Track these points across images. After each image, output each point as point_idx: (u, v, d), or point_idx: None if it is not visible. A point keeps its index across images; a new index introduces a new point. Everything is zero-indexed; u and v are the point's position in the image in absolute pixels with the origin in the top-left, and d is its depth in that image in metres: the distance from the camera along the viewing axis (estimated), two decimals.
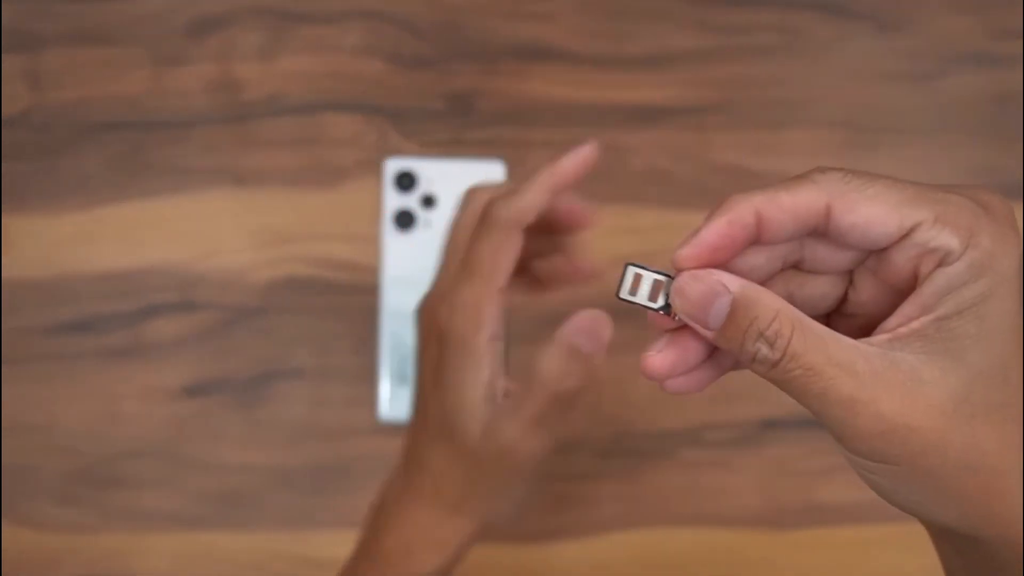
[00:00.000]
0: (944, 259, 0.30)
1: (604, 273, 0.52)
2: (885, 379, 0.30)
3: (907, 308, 0.31)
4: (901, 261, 0.31)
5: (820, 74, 0.69)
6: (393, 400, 0.65)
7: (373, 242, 0.67)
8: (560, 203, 0.49)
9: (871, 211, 0.31)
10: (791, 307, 0.31)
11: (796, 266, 0.34)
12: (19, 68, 0.68)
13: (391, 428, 0.65)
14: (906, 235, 0.31)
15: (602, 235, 0.54)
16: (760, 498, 0.66)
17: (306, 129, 0.68)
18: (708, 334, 0.32)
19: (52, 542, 0.65)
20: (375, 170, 0.67)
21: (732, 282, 0.31)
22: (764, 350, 0.31)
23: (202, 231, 0.67)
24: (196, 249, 0.67)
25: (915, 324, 0.31)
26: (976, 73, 0.69)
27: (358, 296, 0.66)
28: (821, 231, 0.32)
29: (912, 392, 0.30)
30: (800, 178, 0.32)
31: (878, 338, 0.31)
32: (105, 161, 0.67)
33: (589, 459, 0.67)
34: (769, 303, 0.31)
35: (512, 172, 0.67)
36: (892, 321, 0.31)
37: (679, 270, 0.32)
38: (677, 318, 0.33)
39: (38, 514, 0.65)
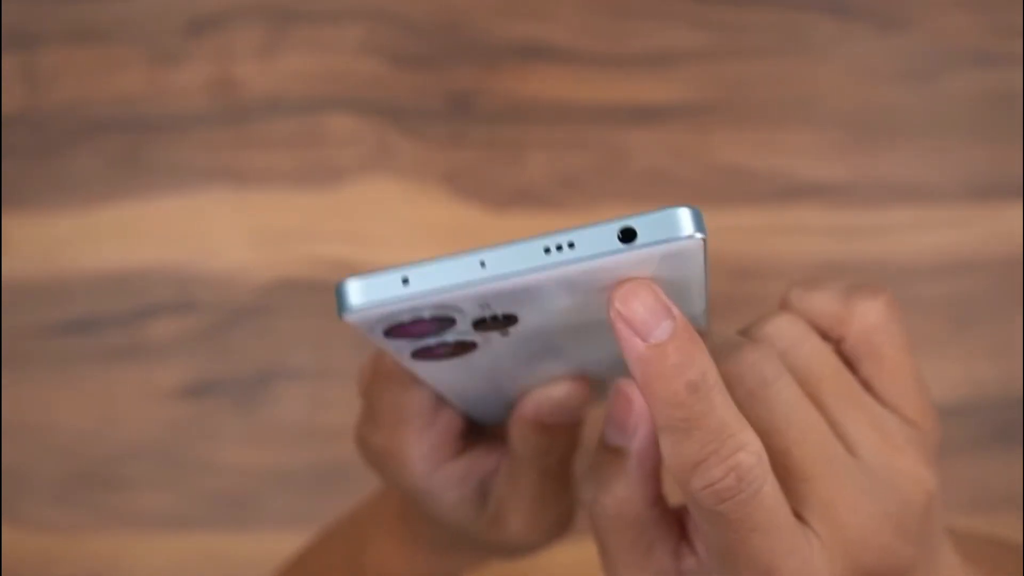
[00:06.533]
0: None
1: None
2: None
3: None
4: None
5: (821, 74, 0.69)
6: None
7: (373, 242, 0.67)
8: None
9: None
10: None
11: None
12: (17, 67, 0.68)
13: None
14: None
15: None
16: None
17: (305, 129, 0.68)
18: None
19: (50, 543, 0.65)
20: (375, 170, 0.67)
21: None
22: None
23: (201, 231, 0.67)
24: (195, 249, 0.67)
25: None
26: (976, 72, 0.69)
27: None
28: None
29: None
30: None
31: None
32: (103, 161, 0.67)
33: (588, 459, 0.66)
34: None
35: (512, 172, 0.67)
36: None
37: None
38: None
39: (36, 515, 0.65)
